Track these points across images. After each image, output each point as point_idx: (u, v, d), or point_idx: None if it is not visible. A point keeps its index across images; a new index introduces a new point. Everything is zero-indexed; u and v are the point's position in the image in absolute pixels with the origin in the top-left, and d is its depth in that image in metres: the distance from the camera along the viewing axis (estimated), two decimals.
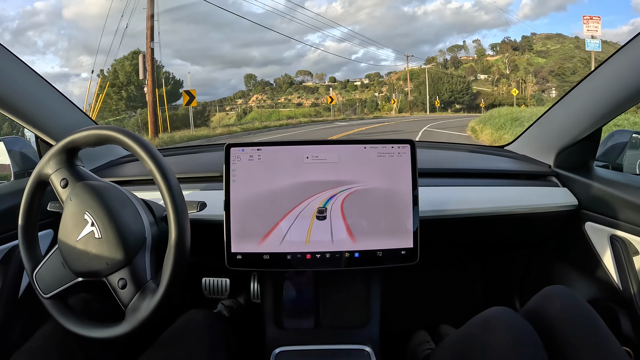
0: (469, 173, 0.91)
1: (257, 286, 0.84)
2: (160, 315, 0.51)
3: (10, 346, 0.68)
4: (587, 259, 0.80)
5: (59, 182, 0.55)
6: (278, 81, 42.25)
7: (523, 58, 35.01)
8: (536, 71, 33.36)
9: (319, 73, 42.13)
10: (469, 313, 0.66)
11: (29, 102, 0.75)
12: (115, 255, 0.51)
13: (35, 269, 0.56)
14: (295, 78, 42.25)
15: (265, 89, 41.60)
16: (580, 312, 0.57)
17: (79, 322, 0.54)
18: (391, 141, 0.70)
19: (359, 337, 0.81)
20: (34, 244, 0.59)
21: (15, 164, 0.83)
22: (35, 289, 0.56)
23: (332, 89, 38.55)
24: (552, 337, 0.55)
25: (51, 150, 0.56)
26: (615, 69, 0.69)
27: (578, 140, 0.83)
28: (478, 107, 32.50)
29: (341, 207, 0.69)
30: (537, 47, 35.65)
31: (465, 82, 34.79)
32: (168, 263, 0.51)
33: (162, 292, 0.50)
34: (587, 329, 0.55)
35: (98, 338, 0.53)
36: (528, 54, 35.59)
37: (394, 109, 34.20)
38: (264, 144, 0.69)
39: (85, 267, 0.52)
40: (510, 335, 0.54)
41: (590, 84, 0.76)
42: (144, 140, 0.55)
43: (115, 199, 0.55)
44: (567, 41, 35.55)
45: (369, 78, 41.06)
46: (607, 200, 0.75)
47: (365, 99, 37.89)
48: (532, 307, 0.61)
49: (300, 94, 40.55)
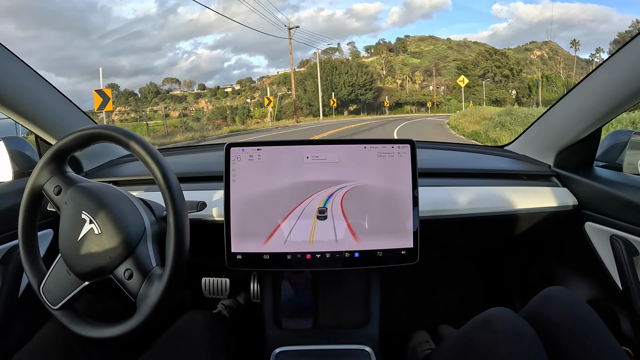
0: (469, 173, 0.91)
1: (257, 286, 0.84)
2: (170, 301, 0.51)
3: (10, 346, 0.68)
4: (587, 259, 0.80)
5: (52, 191, 0.56)
6: (143, 91, 38.02)
7: (398, 59, 34.97)
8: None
9: (187, 80, 38.07)
10: (469, 313, 0.66)
11: (29, 102, 0.75)
12: (118, 247, 0.52)
13: (41, 283, 0.56)
14: (162, 87, 38.22)
15: (129, 99, 37.32)
16: (581, 313, 0.57)
17: (91, 326, 0.54)
18: (391, 141, 0.70)
19: (358, 337, 0.81)
20: (36, 258, 0.59)
21: (15, 164, 0.83)
22: (44, 304, 0.56)
23: (202, 96, 34.49)
24: (552, 338, 0.55)
25: (40, 161, 0.57)
26: (615, 69, 0.69)
27: (578, 140, 0.83)
28: (381, 106, 28.95)
29: (341, 206, 0.69)
30: (412, 49, 36.38)
31: (369, 73, 29.62)
32: (170, 251, 0.51)
33: (168, 275, 0.50)
34: (587, 330, 0.55)
35: (114, 336, 0.52)
36: (403, 55, 35.85)
37: (270, 114, 25.48)
38: (264, 144, 0.69)
39: (90, 265, 0.52)
40: (510, 336, 0.54)
41: (590, 83, 0.76)
42: (140, 137, 0.55)
43: (110, 195, 0.56)
44: (440, 42, 36.72)
45: (241, 84, 37.31)
46: (607, 200, 0.75)
47: (237, 105, 34.02)
48: (532, 307, 0.61)
49: (167, 103, 36.69)
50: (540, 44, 32.99)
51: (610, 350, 0.53)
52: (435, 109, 30.29)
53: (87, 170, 0.92)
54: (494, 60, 31.17)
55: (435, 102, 31.06)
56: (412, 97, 31.28)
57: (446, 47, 35.98)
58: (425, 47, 36.71)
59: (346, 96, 28.12)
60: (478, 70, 31.66)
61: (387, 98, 30.80)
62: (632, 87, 0.67)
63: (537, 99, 28.93)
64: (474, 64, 31.42)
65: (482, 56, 31.72)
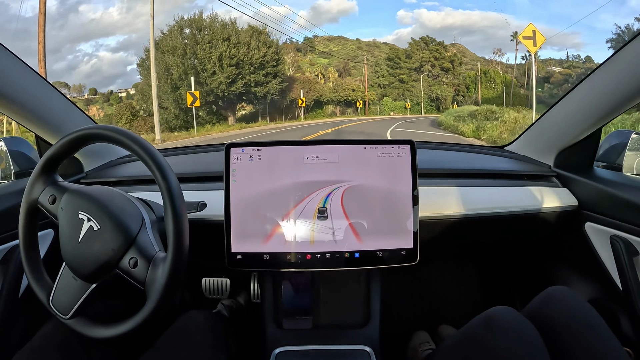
0: (469, 173, 0.90)
1: (257, 286, 0.84)
2: (178, 282, 0.51)
3: (11, 346, 0.68)
4: (587, 259, 0.80)
5: (47, 201, 0.57)
6: None
7: (306, 59, 33.01)
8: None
9: (77, 85, 31.85)
10: (469, 313, 0.66)
11: (29, 102, 0.74)
12: (118, 238, 0.53)
13: (50, 296, 0.56)
14: None
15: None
16: (583, 314, 0.57)
17: (105, 327, 0.54)
18: (391, 141, 0.70)
19: (359, 337, 0.81)
20: (41, 273, 0.59)
21: (16, 164, 0.83)
22: (55, 315, 0.56)
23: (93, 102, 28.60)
24: (554, 338, 0.55)
25: (32, 176, 0.58)
26: (615, 69, 0.69)
27: (578, 140, 0.83)
28: (293, 106, 20.99)
29: (342, 206, 0.69)
30: (320, 48, 35.01)
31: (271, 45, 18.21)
32: (170, 236, 0.52)
33: (172, 256, 0.51)
34: (590, 331, 0.55)
35: (130, 330, 0.52)
36: (310, 54, 34.19)
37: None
38: (264, 144, 0.69)
39: (95, 263, 0.53)
40: (513, 334, 0.54)
41: (589, 84, 0.76)
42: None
43: (104, 192, 0.58)
44: (349, 42, 35.73)
45: (136, 88, 28.78)
46: (607, 200, 0.75)
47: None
48: (534, 308, 0.61)
49: None
50: (448, 46, 31.54)
51: (613, 352, 0.54)
52: (367, 110, 25.97)
53: (87, 170, 0.92)
54: (431, 51, 27.43)
55: (367, 100, 25.95)
56: (338, 94, 25.05)
57: (355, 47, 34.28)
58: (334, 46, 35.10)
59: (226, 88, 16.06)
60: (413, 62, 26.84)
61: (303, 94, 21.59)
62: (632, 88, 0.67)
63: (476, 97, 25.84)
64: (407, 55, 27.74)
65: (416, 46, 27.91)
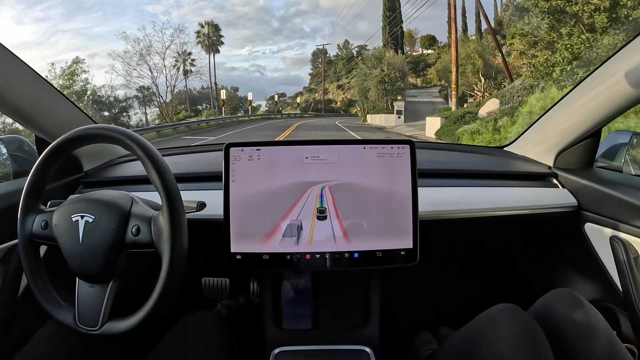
0: (469, 174, 0.90)
1: (257, 286, 0.84)
2: (183, 225, 0.54)
3: (10, 346, 0.68)
4: (587, 260, 0.80)
5: (40, 229, 0.58)
6: None
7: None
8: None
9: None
10: (469, 314, 0.66)
11: (28, 102, 0.74)
12: (115, 217, 0.55)
13: (75, 317, 0.56)
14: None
15: None
16: (586, 316, 0.57)
17: (127, 319, 0.54)
18: (391, 141, 0.70)
19: (358, 337, 0.80)
20: (56, 299, 0.58)
21: (15, 164, 0.83)
22: (86, 334, 0.55)
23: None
24: (557, 340, 0.55)
25: (20, 212, 0.59)
26: (614, 69, 0.69)
27: (578, 141, 0.83)
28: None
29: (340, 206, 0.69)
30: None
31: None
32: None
33: (168, 205, 0.53)
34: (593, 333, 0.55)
35: (159, 301, 0.53)
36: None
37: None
38: (264, 144, 0.69)
39: (102, 253, 0.54)
40: (517, 330, 0.54)
41: (589, 84, 0.76)
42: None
43: (87, 194, 0.60)
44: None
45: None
46: (607, 201, 0.75)
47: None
48: (537, 309, 0.62)
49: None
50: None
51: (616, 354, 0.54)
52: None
53: (87, 170, 0.92)
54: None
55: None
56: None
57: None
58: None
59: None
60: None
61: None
62: (632, 88, 0.67)
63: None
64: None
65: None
